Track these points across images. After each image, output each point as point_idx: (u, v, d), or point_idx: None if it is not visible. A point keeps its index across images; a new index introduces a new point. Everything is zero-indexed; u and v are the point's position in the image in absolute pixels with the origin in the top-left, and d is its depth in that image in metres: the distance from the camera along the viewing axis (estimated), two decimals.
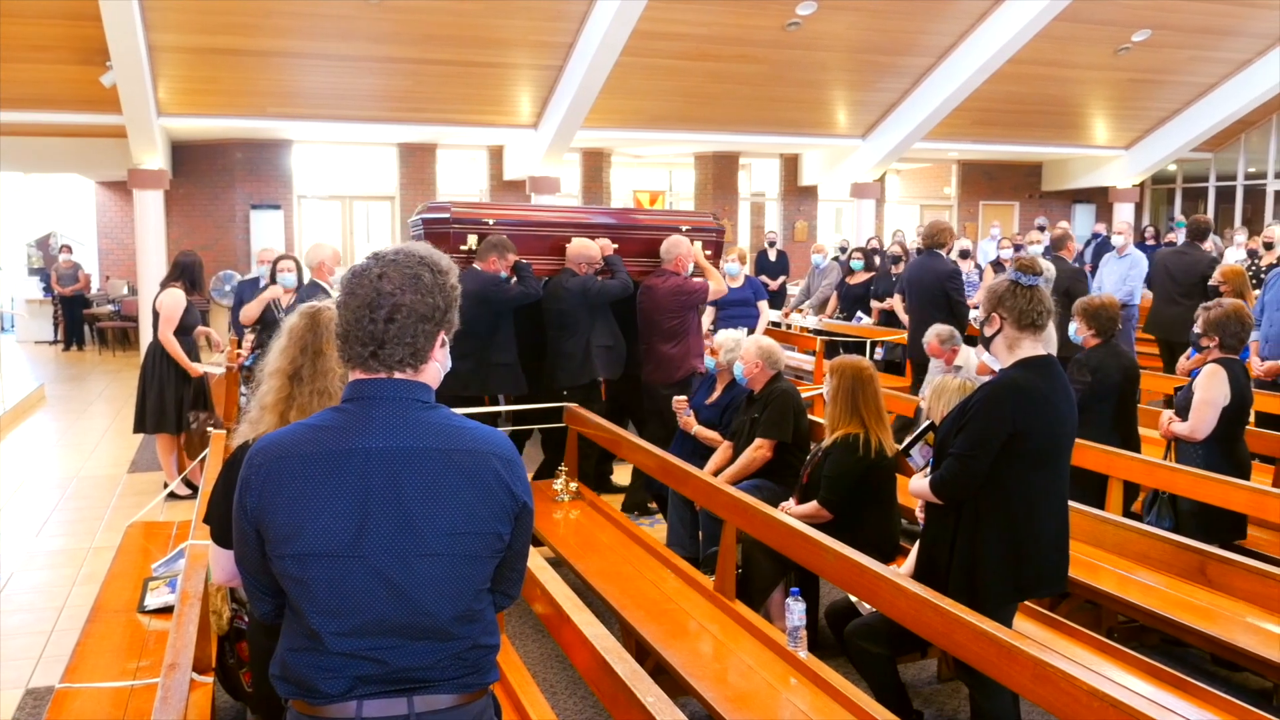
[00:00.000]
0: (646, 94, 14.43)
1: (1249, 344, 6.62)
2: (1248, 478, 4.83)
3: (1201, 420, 4.76)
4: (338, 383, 2.52)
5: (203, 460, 5.66)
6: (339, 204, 16.69)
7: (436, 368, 1.97)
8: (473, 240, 6.33)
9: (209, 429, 6.85)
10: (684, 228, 6.94)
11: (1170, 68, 16.07)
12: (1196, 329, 4.94)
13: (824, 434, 4.65)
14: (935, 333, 6.44)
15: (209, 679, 3.32)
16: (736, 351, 5.54)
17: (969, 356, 6.31)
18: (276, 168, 15.82)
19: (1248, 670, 4.18)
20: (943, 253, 7.94)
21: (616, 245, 6.62)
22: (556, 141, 14.22)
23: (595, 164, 17.33)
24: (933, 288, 7.65)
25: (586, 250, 6.44)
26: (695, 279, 6.69)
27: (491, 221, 6.46)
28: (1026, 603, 3.98)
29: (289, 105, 13.53)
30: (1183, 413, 4.89)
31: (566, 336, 6.41)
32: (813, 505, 4.46)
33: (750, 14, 12.94)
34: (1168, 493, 4.83)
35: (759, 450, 5.08)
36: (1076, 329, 5.44)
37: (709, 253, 6.99)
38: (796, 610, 3.67)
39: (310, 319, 2.65)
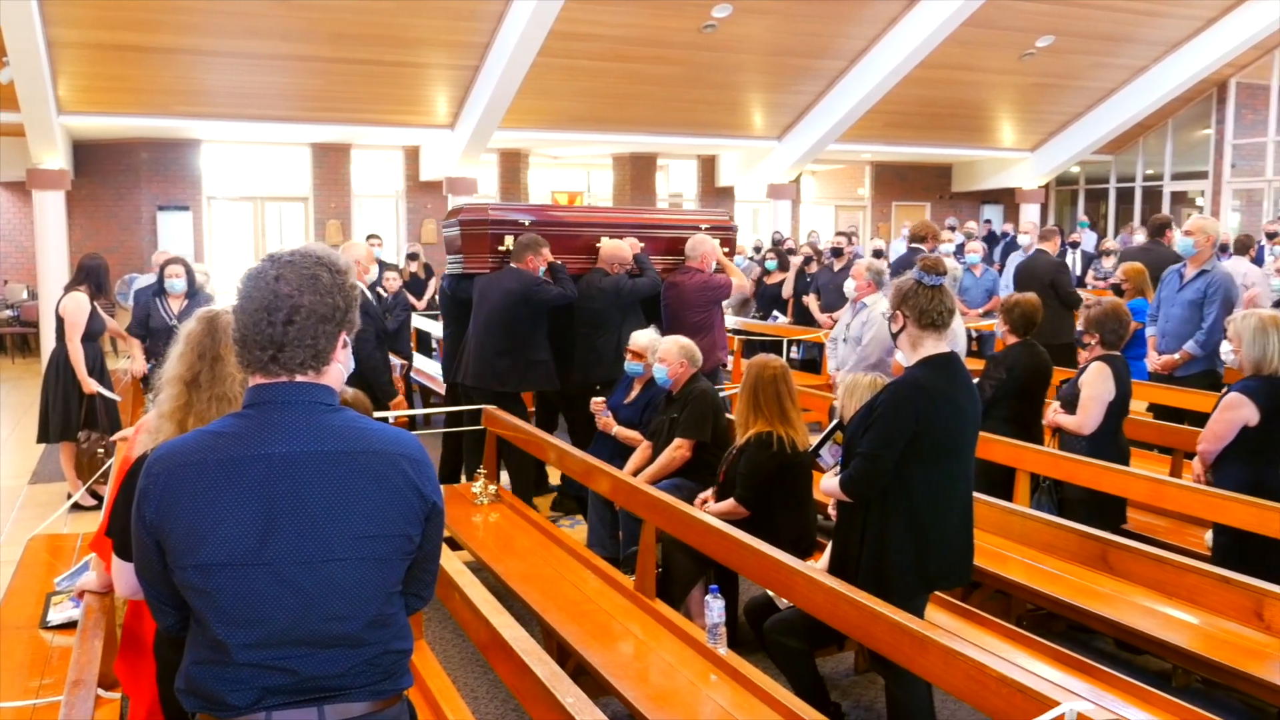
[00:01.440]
0: (564, 95, 14.41)
1: (1147, 339, 6.87)
2: (1128, 464, 5.02)
3: (1089, 415, 4.91)
4: (238, 388, 2.47)
5: (107, 471, 5.50)
6: (250, 205, 16.34)
7: (339, 369, 1.94)
8: (509, 240, 6.45)
9: (99, 450, 6.67)
10: (703, 226, 7.18)
11: (1073, 73, 16.59)
12: (1079, 327, 5.11)
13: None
14: (867, 265, 6.51)
15: (116, 695, 3.23)
16: (659, 352, 5.56)
17: (880, 301, 6.36)
18: (184, 168, 15.43)
19: (1148, 653, 4.34)
20: (925, 248, 8.25)
21: (644, 245, 6.81)
22: (473, 142, 14.13)
23: (513, 165, 17.26)
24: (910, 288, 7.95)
25: (619, 251, 6.58)
26: (719, 275, 6.90)
27: (527, 222, 6.62)
28: (939, 593, 4.07)
29: (196, 104, 13.22)
30: (1068, 406, 5.05)
31: (599, 334, 6.51)
32: (729, 503, 4.50)
33: (667, 16, 13.00)
34: (1048, 480, 5.00)
35: (678, 450, 5.11)
36: (1000, 329, 5.59)
37: (726, 250, 7.23)
38: (715, 608, 3.70)
39: (208, 324, 2.60)
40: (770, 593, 3.93)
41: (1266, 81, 18.12)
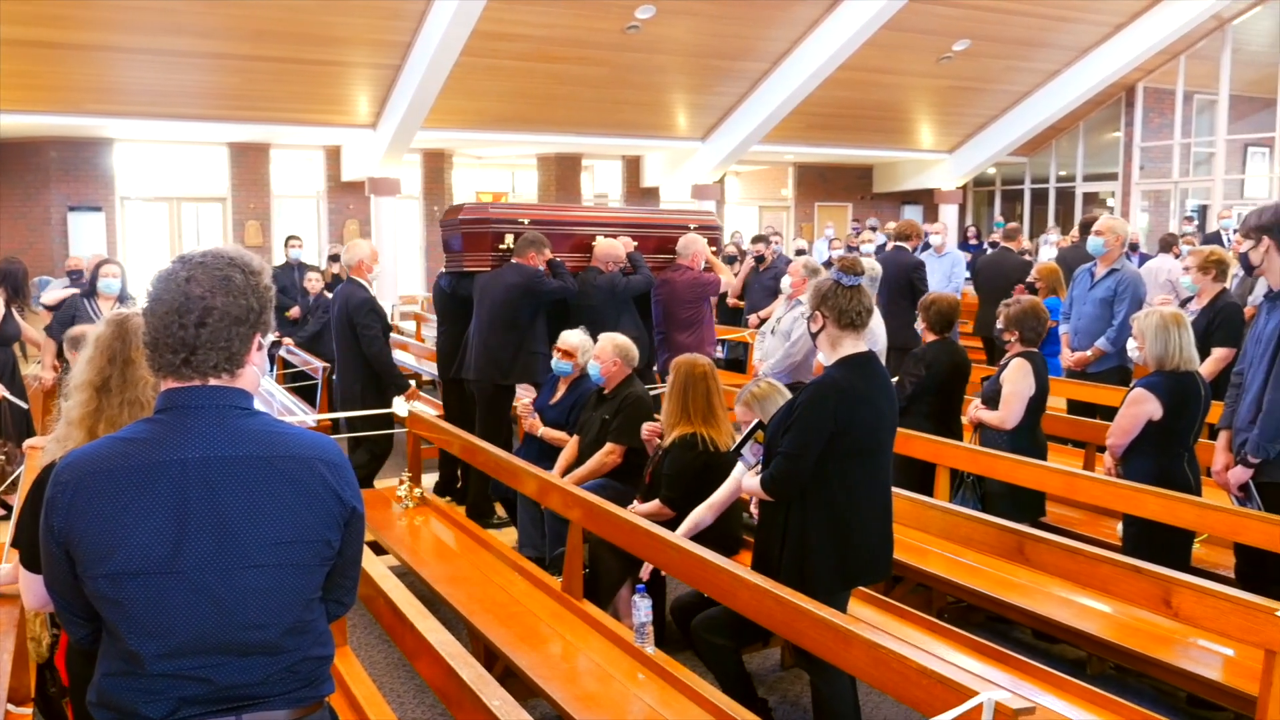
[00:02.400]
0: (487, 95, 14.33)
1: (1061, 336, 7.06)
2: (1046, 458, 5.15)
3: (1010, 411, 5.04)
4: (150, 392, 2.42)
5: (17, 480, 5.33)
6: (166, 205, 15.93)
7: (254, 372, 1.91)
8: (509, 239, 6.63)
9: (2, 457, 6.46)
10: (692, 226, 7.45)
11: (988, 76, 16.96)
12: (999, 325, 5.23)
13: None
14: (804, 262, 6.58)
15: (28, 710, 3.13)
16: (590, 352, 5.56)
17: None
18: (96, 167, 14.98)
19: (1064, 642, 4.46)
20: (908, 247, 8.65)
21: (636, 243, 6.98)
22: (396, 142, 13.97)
23: (436, 165, 17.09)
24: (899, 277, 8.34)
25: (613, 250, 6.78)
26: (709, 273, 7.15)
27: (526, 221, 6.81)
28: (862, 588, 4.13)
29: (109, 101, 12.85)
30: (990, 402, 5.18)
31: (595, 330, 6.57)
32: (655, 504, 4.52)
33: (590, 16, 13.00)
34: (972, 475, 5.11)
35: (610, 455, 5.10)
36: (919, 326, 5.69)
37: (713, 248, 7.50)
38: (643, 607, 3.72)
39: (118, 327, 2.53)
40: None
41: (1172, 86, 18.72)
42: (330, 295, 9.96)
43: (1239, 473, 4.12)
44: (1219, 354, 5.76)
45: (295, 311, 9.78)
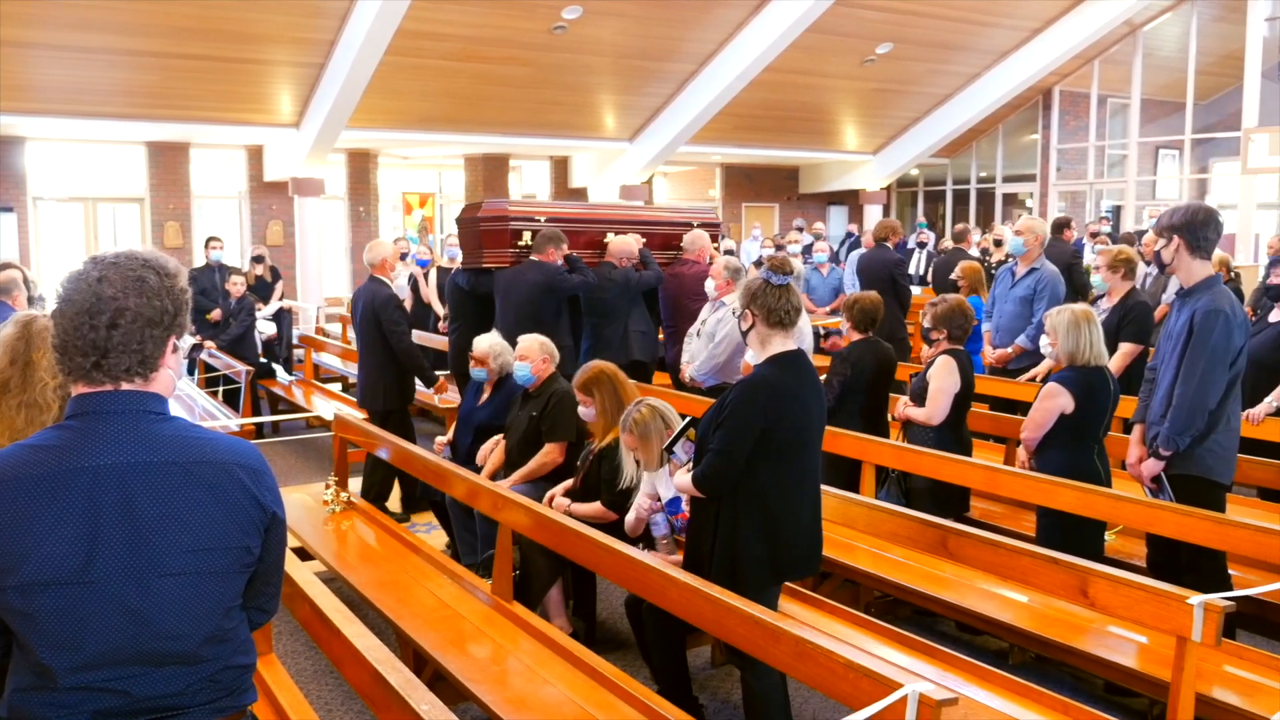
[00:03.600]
0: (413, 94, 14.19)
1: (983, 334, 7.21)
2: (971, 454, 5.26)
3: (936, 407, 5.14)
4: (50, 395, 2.35)
5: None
6: (81, 206, 15.49)
7: (169, 375, 1.86)
8: (527, 236, 6.91)
9: None
10: (695, 223, 7.83)
11: (911, 79, 17.26)
12: (926, 324, 5.33)
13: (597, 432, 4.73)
14: (725, 263, 6.66)
15: None
16: (505, 355, 5.57)
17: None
18: (7, 167, 14.49)
19: (987, 634, 4.56)
20: (889, 245, 9.11)
21: (644, 240, 7.26)
22: (320, 142, 13.77)
23: (361, 165, 16.87)
24: (881, 274, 8.67)
25: (627, 246, 7.09)
26: (713, 267, 7.32)
27: (542, 219, 7.11)
28: (791, 584, 4.17)
29: (20, 99, 12.44)
30: (917, 399, 5.27)
31: (608, 323, 6.96)
32: (597, 507, 4.52)
33: (516, 16, 12.95)
34: (897, 471, 5.21)
35: (549, 455, 5.07)
36: (844, 325, 5.76)
37: (715, 244, 7.87)
38: (660, 520, 3.75)
39: (23, 327, 2.46)
40: None
41: (1086, 90, 19.24)
42: (253, 297, 9.84)
43: (1151, 465, 4.24)
44: (1126, 349, 5.95)
45: (216, 314, 9.60)
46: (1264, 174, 16.12)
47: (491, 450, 5.45)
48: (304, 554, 5.07)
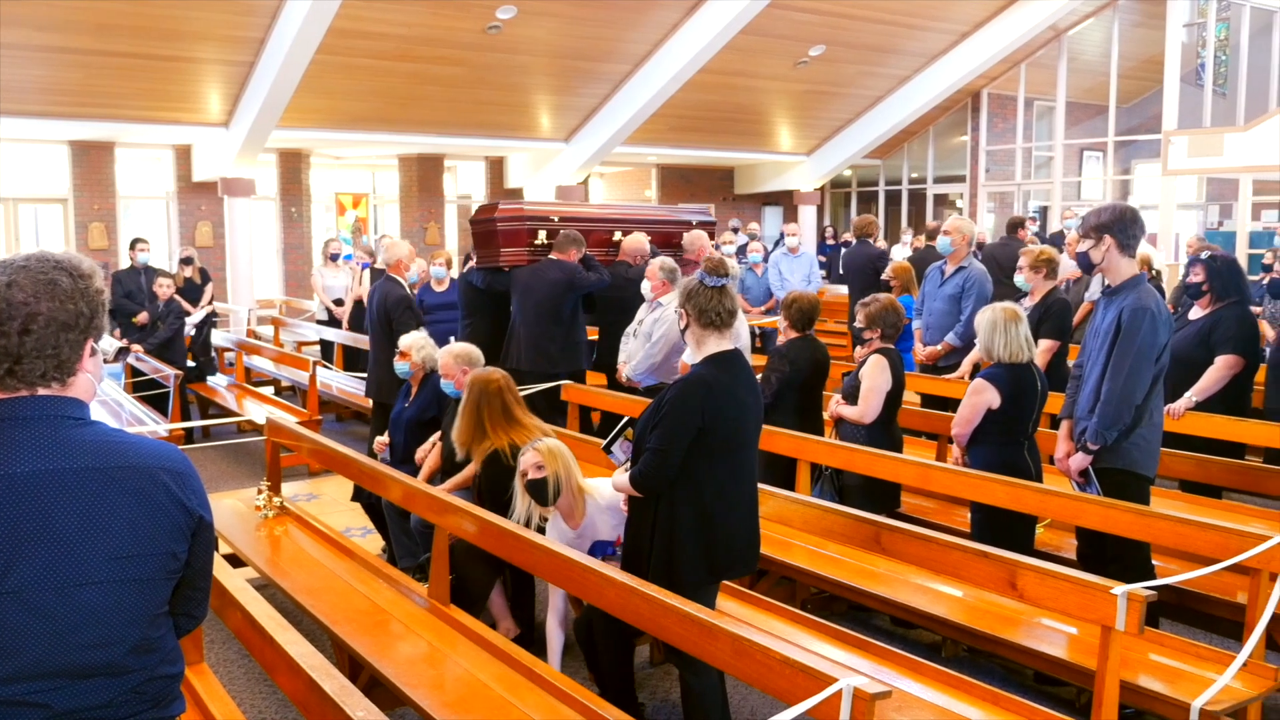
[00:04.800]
0: (346, 94, 14.02)
1: (914, 332, 7.33)
2: (902, 451, 5.34)
3: (869, 405, 5.21)
4: None
5: None
6: (1, 207, 15.07)
7: (88, 379, 1.82)
8: (542, 235, 7.18)
9: None
10: (694, 222, 8.20)
11: (843, 81, 17.46)
12: (859, 323, 5.40)
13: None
14: (660, 264, 6.70)
15: None
16: (427, 349, 5.61)
17: (674, 300, 6.63)
18: None
19: (921, 627, 4.63)
20: (871, 241, 9.44)
21: (651, 239, 7.53)
22: (250, 141, 13.54)
23: (293, 165, 16.62)
24: (865, 268, 8.99)
25: (640, 245, 7.37)
26: None
27: (556, 219, 7.38)
28: (729, 582, 4.20)
29: None
30: (849, 397, 5.34)
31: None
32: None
33: (450, 16, 12.85)
34: (830, 469, 5.27)
35: None
36: (782, 324, 5.82)
37: (713, 242, 8.25)
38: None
39: None
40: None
41: (1013, 93, 19.62)
42: (181, 300, 9.65)
43: (1080, 459, 4.34)
44: (1044, 345, 6.09)
45: (143, 317, 9.40)
46: (1183, 175, 16.58)
47: (430, 450, 5.41)
48: (236, 560, 4.99)
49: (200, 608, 1.97)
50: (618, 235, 7.63)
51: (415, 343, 5.70)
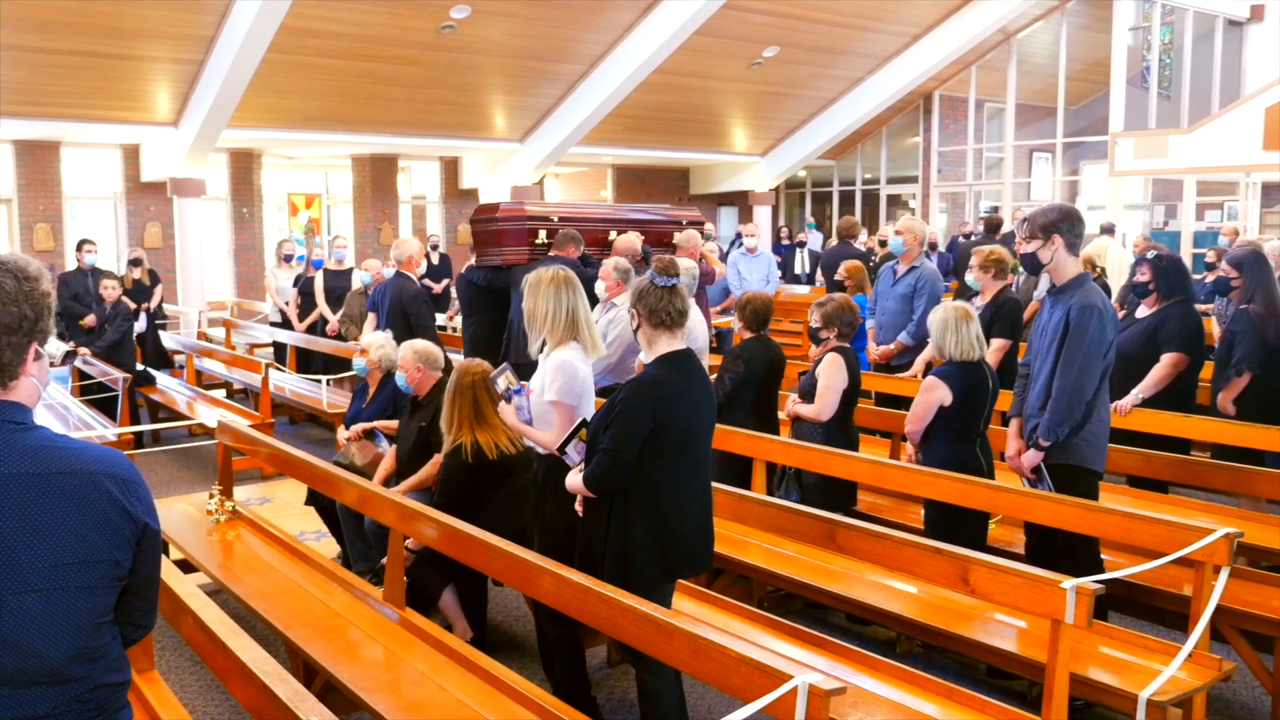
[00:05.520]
0: (298, 93, 13.88)
1: (867, 331, 7.39)
2: (858, 450, 5.39)
3: (825, 404, 5.25)
4: None
5: None
6: None
7: (31, 384, 1.79)
8: (542, 234, 7.37)
9: None
10: (684, 222, 8.40)
11: (797, 82, 17.58)
12: (815, 322, 5.43)
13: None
14: (614, 264, 6.71)
15: None
16: (387, 349, 5.58)
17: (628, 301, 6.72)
18: None
19: (876, 624, 4.68)
20: (854, 242, 9.54)
21: (645, 238, 7.62)
22: (200, 141, 13.36)
23: (244, 165, 16.41)
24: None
25: (633, 244, 7.41)
26: (705, 265, 7.97)
27: (556, 218, 7.60)
28: (686, 581, 4.21)
29: None
30: (806, 396, 5.38)
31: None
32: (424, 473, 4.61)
33: (404, 15, 12.77)
34: (792, 468, 5.30)
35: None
36: (737, 325, 5.84)
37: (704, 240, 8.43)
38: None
39: None
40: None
41: (965, 95, 19.86)
42: (129, 302, 9.50)
43: (1031, 456, 4.40)
44: (996, 344, 6.18)
45: (91, 320, 9.24)
46: (1130, 176, 16.88)
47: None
48: (187, 566, 4.92)
49: (147, 616, 1.94)
50: (614, 235, 7.79)
51: (376, 341, 5.69)
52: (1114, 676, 3.61)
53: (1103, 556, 4.40)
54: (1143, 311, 5.98)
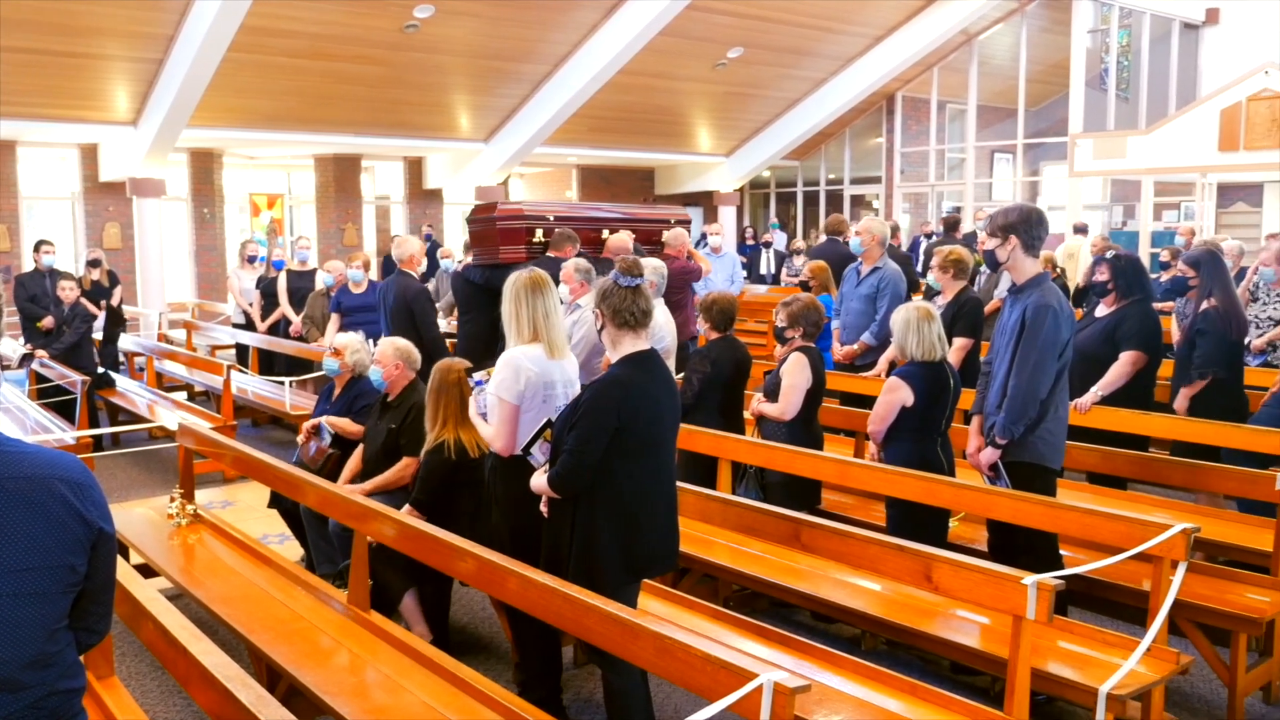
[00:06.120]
0: (259, 92, 13.75)
1: (833, 331, 7.44)
2: (822, 449, 5.42)
3: (789, 403, 5.28)
4: None
5: None
6: None
7: None
8: (539, 233, 7.60)
9: None
10: (672, 221, 8.57)
11: (761, 83, 17.65)
12: (780, 322, 5.46)
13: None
14: (574, 265, 6.70)
15: None
16: (361, 353, 5.55)
17: (590, 301, 6.68)
18: None
19: (841, 621, 4.71)
20: (840, 239, 9.57)
21: (636, 237, 7.81)
22: (159, 140, 13.20)
23: (205, 165, 16.23)
24: (840, 267, 8.89)
25: (624, 243, 7.58)
26: (693, 262, 8.30)
27: (551, 217, 7.84)
28: (651, 581, 4.22)
29: None
30: (771, 395, 5.41)
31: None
32: (406, 508, 4.54)
33: (367, 14, 12.69)
34: (754, 467, 5.33)
35: (408, 469, 4.99)
36: (702, 325, 5.85)
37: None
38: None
39: None
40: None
41: (927, 96, 20.03)
42: (88, 303, 9.38)
43: (989, 454, 4.45)
44: (959, 343, 6.24)
45: (48, 322, 9.11)
46: (1089, 177, 17.09)
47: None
48: (148, 571, 4.86)
49: (102, 622, 1.92)
50: (606, 234, 7.93)
51: (351, 344, 5.63)
52: (1075, 671, 3.65)
53: (1062, 552, 4.45)
54: (1102, 310, 6.06)
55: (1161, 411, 5.89)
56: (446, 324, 10.17)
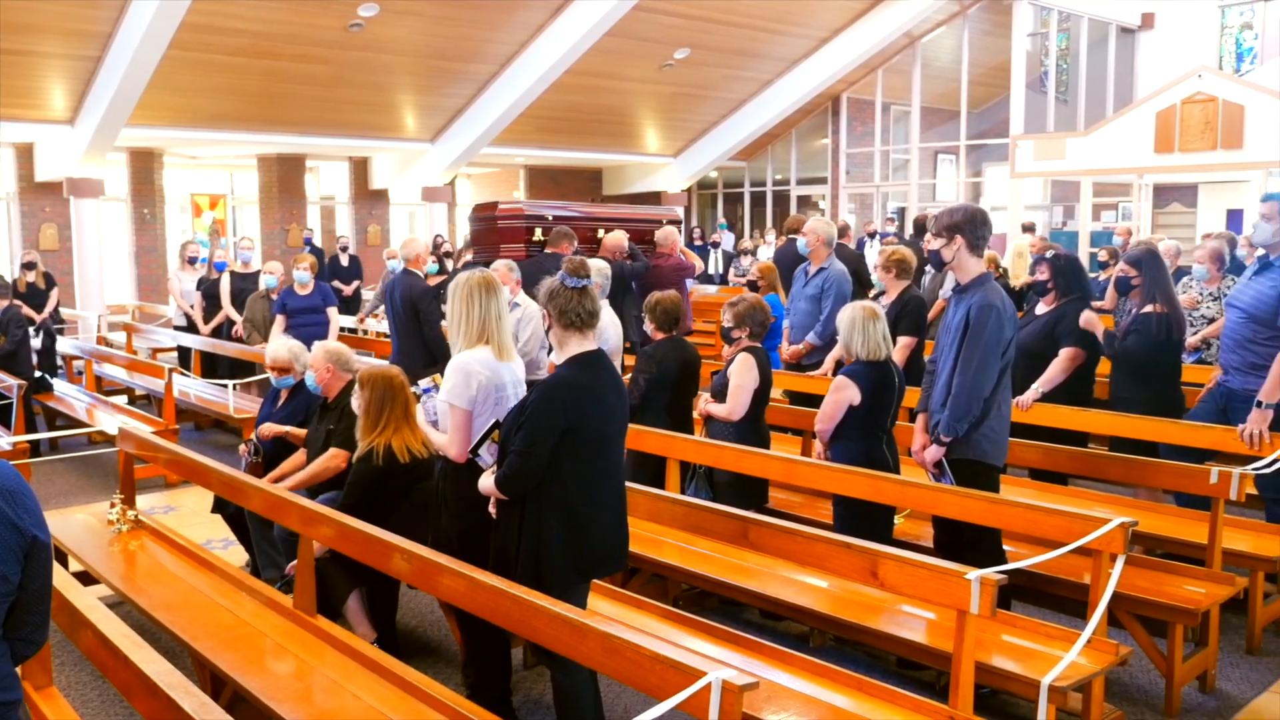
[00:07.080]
0: (201, 91, 13.54)
1: (783, 331, 7.49)
2: (769, 448, 5.46)
3: (737, 403, 5.30)
4: None
5: None
6: None
7: None
8: (538, 232, 7.98)
9: None
10: (664, 220, 9.02)
11: (708, 84, 17.73)
12: (727, 323, 5.48)
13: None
14: (507, 265, 6.67)
15: None
16: (303, 359, 5.48)
17: (530, 301, 6.68)
18: None
19: (789, 619, 4.74)
20: (798, 238, 9.67)
21: (630, 236, 8.17)
22: (98, 140, 12.96)
23: (145, 165, 15.94)
24: (795, 265, 8.95)
25: (620, 241, 7.92)
26: (686, 260, 8.66)
27: (550, 216, 8.26)
28: (601, 581, 4.22)
29: None
30: (718, 395, 5.43)
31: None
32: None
33: (310, 13, 12.56)
34: (704, 467, 5.35)
35: (334, 460, 4.94)
36: (648, 326, 5.84)
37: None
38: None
39: None
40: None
41: (871, 97, 20.24)
42: (24, 307, 9.16)
43: (934, 451, 4.51)
44: (903, 342, 6.32)
45: None
46: (1030, 178, 17.39)
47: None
48: (88, 578, 4.77)
49: (39, 632, 1.88)
50: (601, 232, 8.25)
51: (292, 351, 5.57)
52: (1017, 664, 3.71)
53: (1006, 548, 4.52)
54: (1041, 309, 6.16)
55: (1101, 408, 6.01)
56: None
